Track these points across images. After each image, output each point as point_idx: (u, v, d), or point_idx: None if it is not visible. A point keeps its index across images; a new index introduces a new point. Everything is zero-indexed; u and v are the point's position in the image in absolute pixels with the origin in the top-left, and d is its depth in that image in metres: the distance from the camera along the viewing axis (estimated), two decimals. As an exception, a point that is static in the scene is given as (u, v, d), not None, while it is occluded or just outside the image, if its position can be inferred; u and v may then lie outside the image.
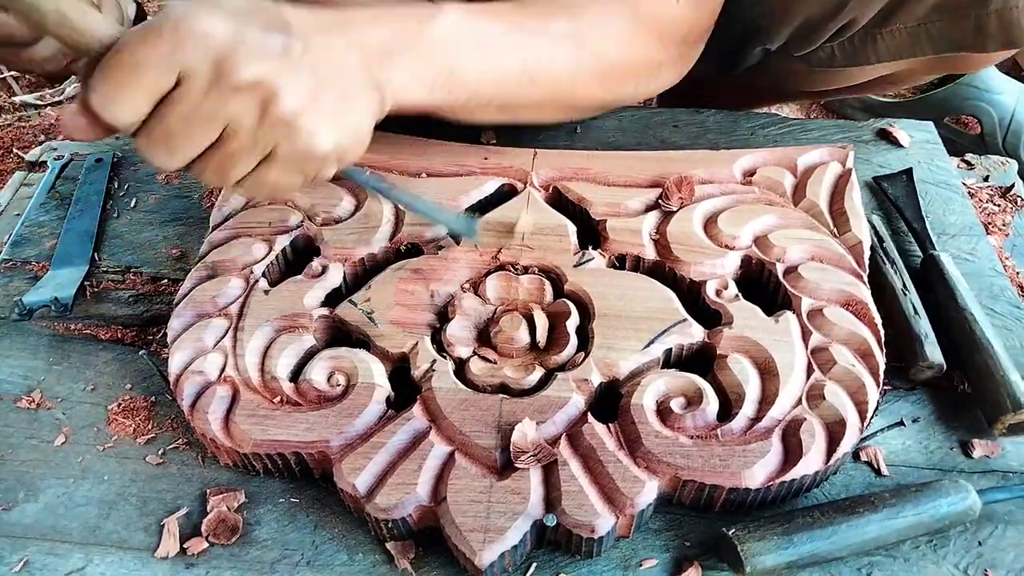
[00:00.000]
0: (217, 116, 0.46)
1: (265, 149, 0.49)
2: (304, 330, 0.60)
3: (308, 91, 0.48)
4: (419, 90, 0.58)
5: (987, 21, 0.69)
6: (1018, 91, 1.13)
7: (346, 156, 0.53)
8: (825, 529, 0.49)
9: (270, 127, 0.47)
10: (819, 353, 0.57)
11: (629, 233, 0.65)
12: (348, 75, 0.52)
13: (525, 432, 0.52)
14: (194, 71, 0.44)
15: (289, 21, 0.49)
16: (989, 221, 0.75)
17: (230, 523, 0.53)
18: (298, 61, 0.48)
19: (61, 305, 0.67)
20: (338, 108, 0.51)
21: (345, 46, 0.52)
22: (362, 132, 0.54)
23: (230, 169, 0.49)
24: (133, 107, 0.44)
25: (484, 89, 0.62)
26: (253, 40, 0.46)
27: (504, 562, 0.49)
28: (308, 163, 0.51)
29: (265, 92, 0.46)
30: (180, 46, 0.43)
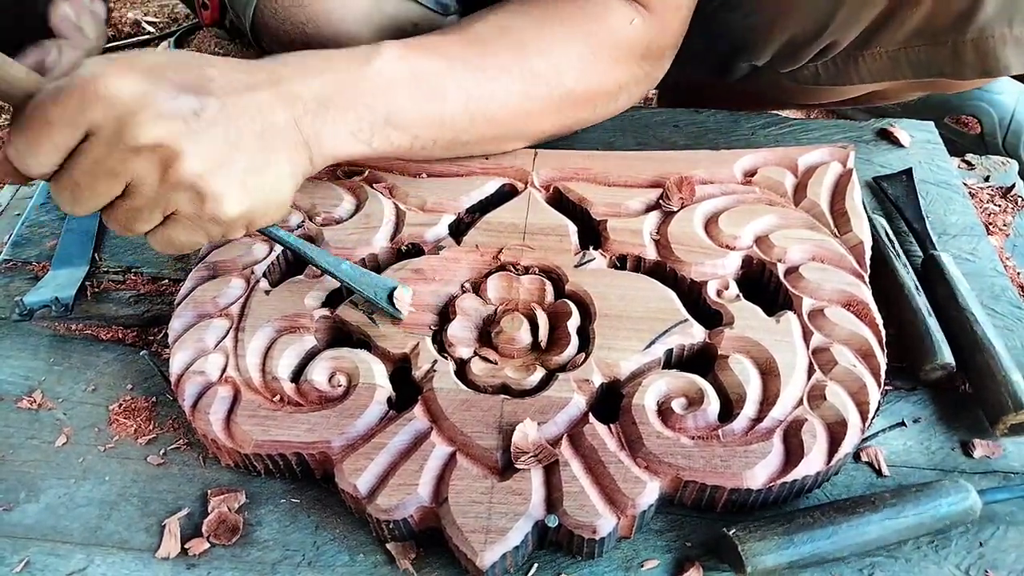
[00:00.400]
0: (119, 172, 0.47)
1: (167, 208, 0.49)
2: (305, 330, 0.60)
3: (215, 154, 0.48)
4: (355, 143, 0.57)
5: (964, 49, 0.69)
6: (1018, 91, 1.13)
7: (257, 220, 0.53)
8: (826, 529, 0.49)
9: (170, 189, 0.48)
10: (820, 353, 0.57)
11: (630, 233, 0.65)
12: (270, 135, 0.52)
13: (526, 432, 0.52)
14: (98, 129, 0.46)
15: (212, 78, 0.50)
16: (990, 221, 0.75)
17: (231, 523, 0.53)
18: (208, 124, 0.48)
19: (62, 305, 0.67)
20: (250, 171, 0.51)
21: (272, 102, 0.52)
22: (278, 195, 0.53)
23: (134, 222, 0.50)
24: (43, 161, 0.46)
25: (426, 131, 0.61)
26: (161, 102, 0.47)
27: (506, 563, 0.49)
28: (212, 226, 0.51)
29: (165, 154, 0.47)
30: (87, 106, 0.45)
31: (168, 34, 1.52)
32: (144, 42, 1.53)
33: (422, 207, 0.68)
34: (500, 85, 0.63)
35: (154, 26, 1.57)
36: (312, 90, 0.54)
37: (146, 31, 1.56)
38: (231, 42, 1.45)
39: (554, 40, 0.65)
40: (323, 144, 0.55)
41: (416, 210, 0.68)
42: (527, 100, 0.65)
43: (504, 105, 0.64)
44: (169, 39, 1.49)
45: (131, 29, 1.57)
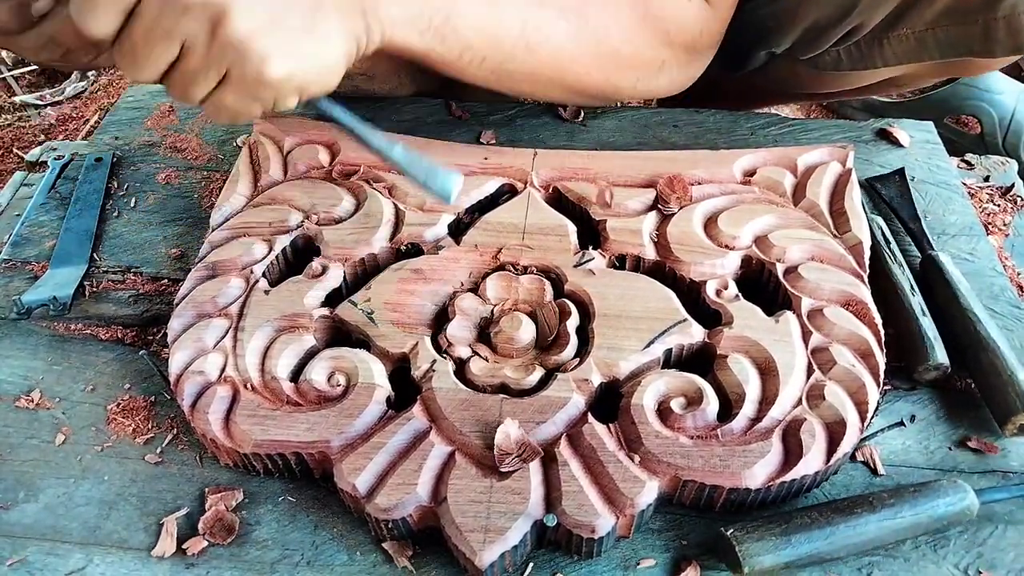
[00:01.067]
0: (173, 33, 0.47)
1: (220, 70, 0.49)
2: (304, 330, 0.60)
3: (263, 12, 0.48)
4: (411, 29, 0.57)
5: (995, 26, 0.69)
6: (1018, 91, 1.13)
7: (307, 87, 0.53)
8: (823, 529, 0.49)
9: (219, 48, 0.48)
10: (819, 353, 0.57)
11: (629, 233, 0.65)
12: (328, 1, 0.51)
13: (508, 432, 0.52)
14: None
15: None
16: (989, 221, 0.75)
17: (227, 523, 0.53)
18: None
19: (60, 304, 0.67)
20: (301, 34, 0.50)
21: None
22: (328, 62, 0.53)
23: (191, 88, 0.50)
24: (103, 20, 0.47)
25: (479, 45, 0.61)
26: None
27: (504, 562, 0.49)
28: (260, 89, 0.51)
29: (214, 12, 0.47)
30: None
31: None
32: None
33: (421, 207, 0.68)
34: (555, 23, 0.64)
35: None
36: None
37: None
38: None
39: None
40: (381, 19, 0.54)
41: (415, 210, 0.68)
42: (576, 46, 0.66)
43: (554, 43, 0.65)
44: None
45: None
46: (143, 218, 0.77)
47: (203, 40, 0.48)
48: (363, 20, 0.53)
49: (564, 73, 0.69)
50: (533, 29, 0.63)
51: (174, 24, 0.47)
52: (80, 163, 0.83)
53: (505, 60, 0.64)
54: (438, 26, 0.58)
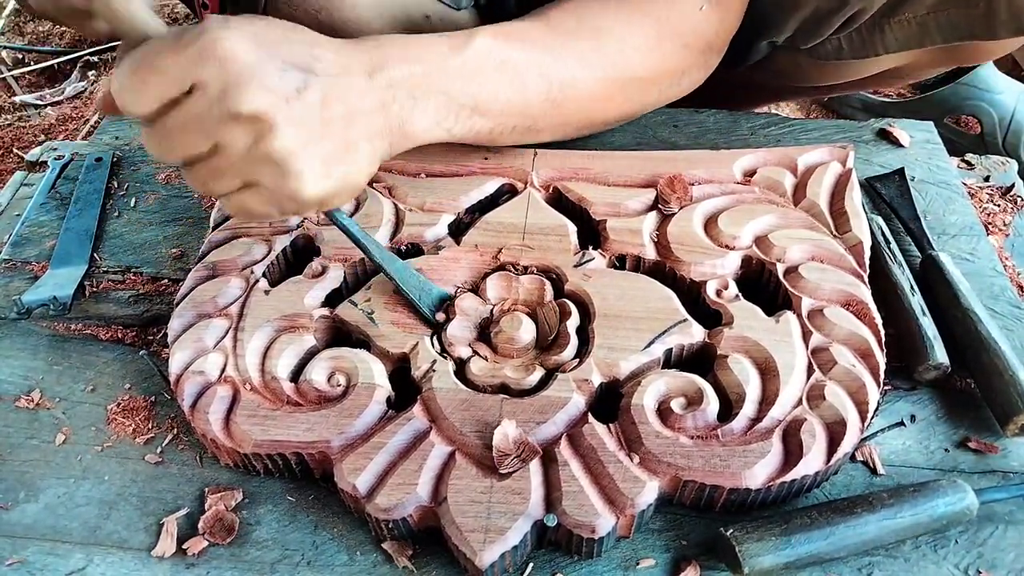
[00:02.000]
0: (211, 133, 0.47)
1: (249, 176, 0.50)
2: (304, 330, 0.60)
3: (307, 135, 0.49)
4: (437, 130, 0.58)
5: (998, 7, 0.68)
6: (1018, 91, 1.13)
7: (331, 202, 0.54)
8: (823, 530, 0.49)
9: (258, 160, 0.49)
10: (819, 353, 0.57)
11: (629, 233, 0.65)
12: (358, 120, 0.52)
13: (506, 433, 0.52)
14: (205, 87, 0.46)
15: (318, 57, 0.50)
16: (989, 221, 0.75)
17: (227, 522, 0.53)
18: (307, 105, 0.49)
19: (60, 304, 0.67)
20: (335, 157, 0.51)
21: (367, 88, 0.53)
22: (356, 181, 0.54)
23: (212, 183, 0.50)
24: (142, 103, 0.47)
25: (508, 117, 0.63)
26: (269, 75, 0.47)
27: (504, 562, 0.49)
28: (288, 202, 0.51)
29: (262, 127, 0.47)
30: (199, 62, 0.46)
31: (168, 34, 1.52)
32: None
33: (422, 207, 0.68)
34: (579, 73, 0.64)
35: (154, 26, 1.57)
36: (407, 77, 0.55)
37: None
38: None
39: (628, 26, 0.66)
40: (406, 131, 0.56)
41: (416, 210, 0.68)
42: (601, 87, 0.66)
43: (580, 93, 0.65)
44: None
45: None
46: (143, 218, 0.77)
47: (242, 148, 0.48)
48: (389, 139, 0.55)
49: (592, 114, 0.70)
50: (558, 86, 0.63)
51: (216, 126, 0.47)
52: (80, 163, 0.83)
53: (535, 121, 0.65)
54: (465, 117, 0.59)
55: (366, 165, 0.54)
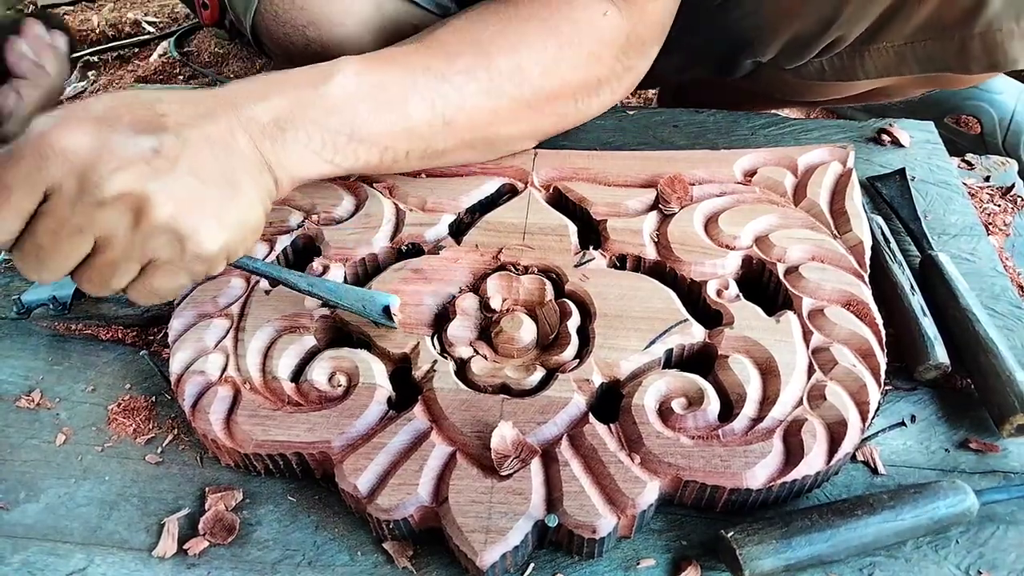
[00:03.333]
0: (85, 229, 0.45)
1: (144, 257, 0.48)
2: (305, 330, 0.60)
3: (185, 192, 0.47)
4: (318, 161, 0.56)
5: (971, 43, 0.69)
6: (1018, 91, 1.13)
7: (236, 250, 0.52)
8: (824, 532, 0.49)
9: (146, 236, 0.47)
10: (820, 353, 0.57)
11: (630, 233, 0.65)
12: (234, 163, 0.50)
13: (503, 435, 0.52)
14: (58, 187, 0.44)
15: (164, 113, 0.48)
16: (990, 221, 0.75)
17: (227, 522, 0.53)
18: (171, 161, 0.47)
19: (59, 304, 0.67)
20: (222, 203, 0.49)
21: (230, 129, 0.51)
22: (254, 222, 0.52)
23: (110, 279, 0.48)
24: (4, 228, 0.44)
25: (395, 143, 0.60)
26: (118, 147, 0.45)
27: (505, 563, 0.49)
28: (195, 265, 0.50)
29: (135, 202, 0.45)
30: (43, 165, 0.43)
31: (168, 34, 1.52)
32: (144, 42, 1.53)
33: (422, 207, 0.68)
34: (464, 88, 0.61)
35: (154, 26, 1.57)
36: (268, 112, 0.53)
37: (146, 31, 1.56)
38: (231, 42, 1.45)
39: (519, 38, 0.64)
40: (285, 166, 0.54)
41: (416, 210, 0.68)
42: (494, 101, 0.63)
43: (471, 108, 0.62)
44: (169, 39, 1.49)
45: (131, 29, 1.57)
46: (143, 218, 0.76)
47: (123, 231, 0.46)
48: (270, 175, 0.53)
49: (493, 130, 0.66)
50: (443, 105, 0.61)
51: (87, 220, 0.44)
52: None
53: (429, 143, 0.62)
54: (343, 146, 0.57)
55: (257, 205, 0.52)
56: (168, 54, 1.46)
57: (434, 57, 0.62)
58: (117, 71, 1.46)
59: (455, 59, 0.62)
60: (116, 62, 1.49)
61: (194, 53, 1.46)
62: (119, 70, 1.46)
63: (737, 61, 0.89)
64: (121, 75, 1.44)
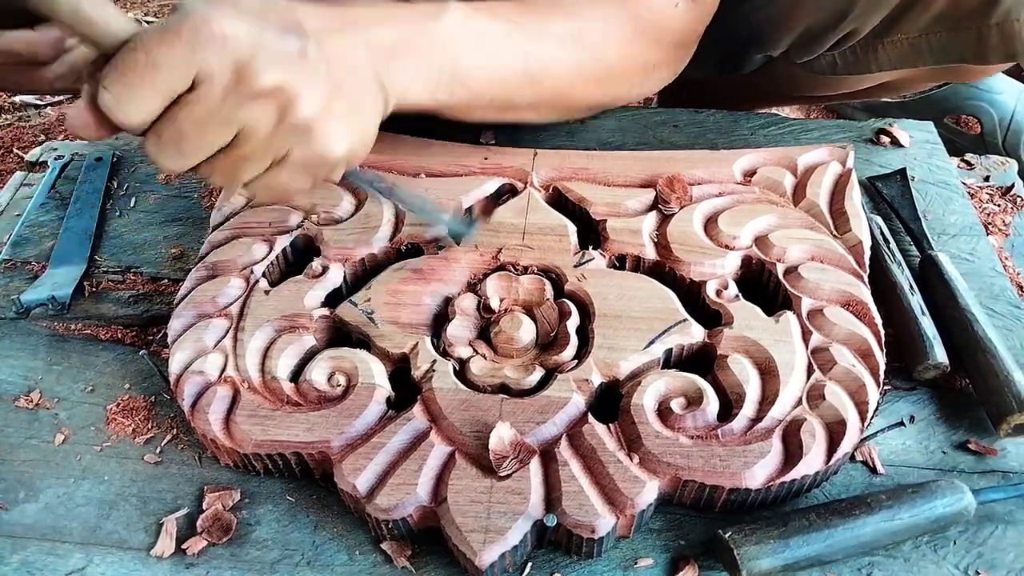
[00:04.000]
0: (232, 120, 0.45)
1: (278, 153, 0.48)
2: (304, 330, 0.60)
3: (324, 96, 0.48)
4: (422, 91, 0.58)
5: (988, 33, 0.69)
6: (1018, 91, 1.13)
7: (355, 159, 0.53)
8: (821, 532, 0.49)
9: (286, 133, 0.47)
10: (819, 353, 0.57)
11: (629, 233, 0.65)
12: (359, 76, 0.52)
13: (501, 436, 0.52)
14: (212, 75, 0.43)
15: (301, 21, 0.49)
16: (989, 221, 0.75)
17: (224, 521, 0.53)
18: (314, 64, 0.47)
19: (58, 304, 0.67)
20: (351, 112, 0.51)
21: (354, 46, 0.52)
22: (370, 134, 0.54)
23: (241, 172, 0.48)
24: (145, 108, 0.43)
25: (485, 89, 0.62)
26: (273, 44, 0.45)
27: (504, 562, 0.49)
28: (320, 167, 0.51)
29: (284, 98, 0.46)
30: (199, 48, 0.42)
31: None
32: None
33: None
34: (553, 52, 0.64)
35: (154, 26, 1.57)
36: (386, 37, 0.54)
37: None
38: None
39: (604, 16, 0.67)
40: (394, 89, 0.55)
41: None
42: (575, 69, 0.66)
43: (555, 71, 0.65)
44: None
45: (131, 29, 1.57)
46: (143, 218, 0.77)
47: (268, 125, 0.46)
48: (383, 92, 0.54)
49: (565, 98, 0.70)
50: (535, 64, 0.63)
51: (237, 111, 0.44)
52: (80, 163, 0.83)
53: (510, 97, 0.65)
54: (446, 83, 0.59)
55: (374, 117, 0.54)
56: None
57: (529, 17, 0.64)
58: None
59: (549, 23, 0.65)
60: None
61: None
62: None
63: (747, 55, 0.88)
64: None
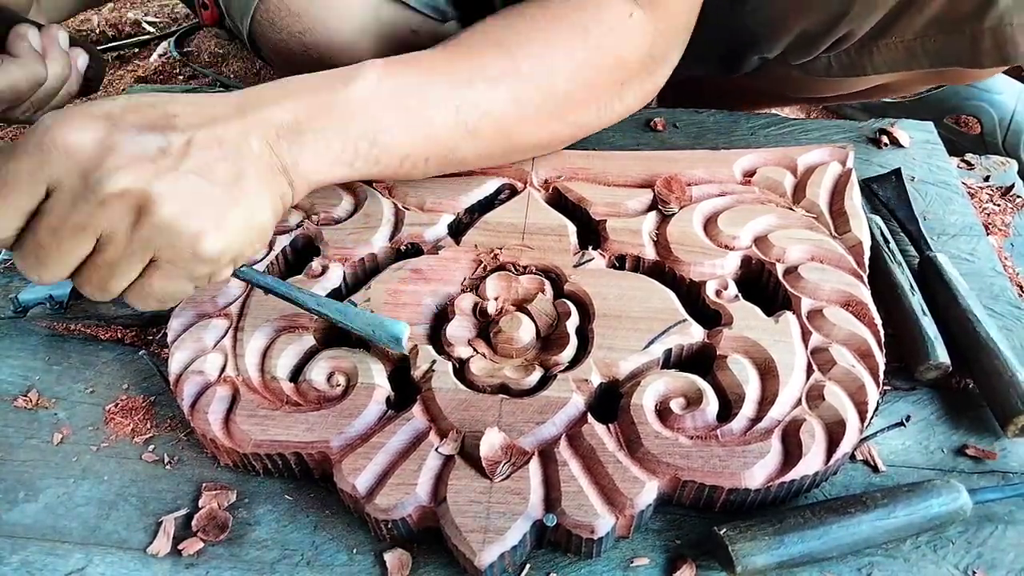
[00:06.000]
0: (87, 227, 0.44)
1: (145, 257, 0.47)
2: (304, 330, 0.60)
3: (188, 191, 0.46)
4: (337, 167, 0.55)
5: (982, 37, 0.69)
6: (1018, 91, 1.13)
7: (242, 256, 0.51)
8: (816, 529, 0.49)
9: (147, 235, 0.45)
10: (819, 353, 0.57)
11: (629, 233, 0.65)
12: (244, 165, 0.49)
13: (491, 442, 0.51)
14: (61, 184, 0.43)
15: (175, 114, 0.47)
16: (989, 221, 0.75)
17: (220, 520, 0.53)
18: (177, 159, 0.46)
19: (56, 302, 0.67)
20: (228, 205, 0.48)
21: (243, 131, 0.50)
22: (260, 227, 0.51)
23: (110, 280, 0.47)
24: (4, 225, 0.44)
25: (415, 150, 0.59)
26: (123, 146, 0.44)
27: (504, 562, 0.49)
28: (196, 267, 0.48)
29: (137, 199, 0.44)
30: (45, 161, 0.43)
31: (168, 34, 1.52)
32: (144, 42, 1.53)
33: (421, 207, 0.68)
34: (489, 94, 0.60)
35: (154, 26, 1.58)
36: (286, 115, 0.52)
37: (146, 31, 1.56)
38: (231, 42, 1.45)
39: (545, 42, 0.62)
40: (302, 170, 0.53)
41: (415, 210, 0.68)
42: (519, 107, 0.62)
43: (496, 115, 0.61)
44: (169, 39, 1.49)
45: (131, 29, 1.57)
46: (143, 218, 0.76)
47: (125, 229, 0.45)
48: (284, 177, 0.52)
49: (516, 140, 0.65)
50: (469, 110, 0.59)
51: (89, 218, 0.44)
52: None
53: (451, 150, 0.61)
54: (364, 152, 0.56)
55: (267, 209, 0.51)
56: (168, 54, 1.46)
57: (459, 62, 0.60)
58: (117, 71, 1.46)
59: (481, 64, 0.60)
60: (116, 62, 1.49)
61: (194, 53, 1.46)
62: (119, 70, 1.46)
63: (744, 57, 0.88)
64: (121, 75, 1.44)
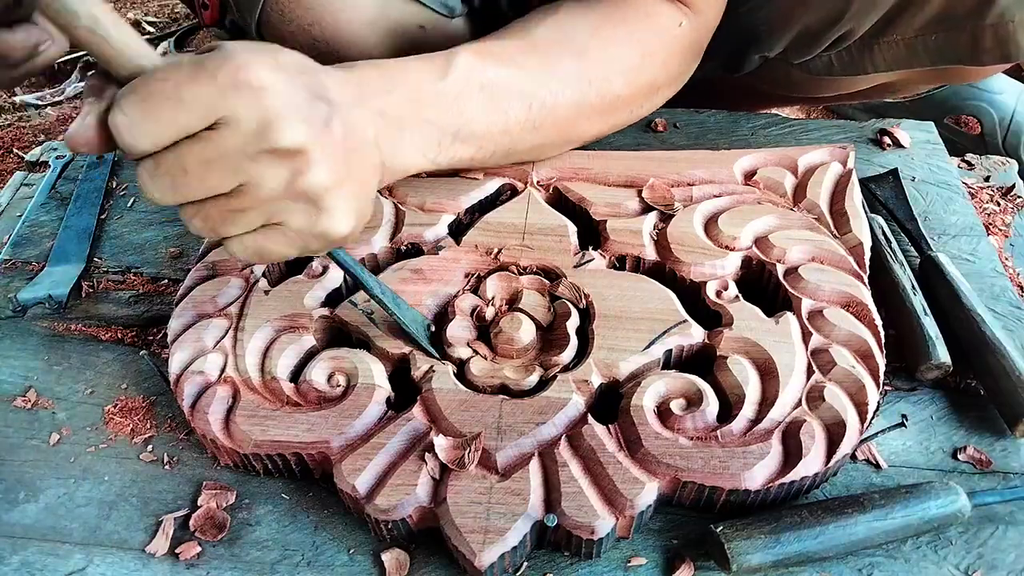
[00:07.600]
0: (241, 171, 0.43)
1: (275, 216, 0.45)
2: (304, 330, 0.60)
3: (337, 170, 0.46)
4: (421, 161, 0.57)
5: (983, 35, 0.69)
6: (1018, 91, 1.13)
7: (350, 241, 0.50)
8: (813, 529, 0.49)
9: (290, 198, 0.45)
10: (819, 354, 0.57)
11: (629, 233, 0.65)
12: (366, 154, 0.50)
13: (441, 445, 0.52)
14: (238, 122, 0.41)
15: (327, 86, 0.47)
16: (990, 221, 0.75)
17: (217, 520, 0.53)
18: (335, 136, 0.46)
19: (55, 302, 0.67)
20: (359, 191, 0.48)
21: (365, 120, 0.50)
22: (368, 215, 0.51)
23: (227, 224, 0.45)
24: (157, 138, 0.41)
25: (488, 142, 0.61)
26: (304, 104, 0.44)
27: (504, 563, 0.49)
28: (315, 242, 0.48)
29: (301, 162, 0.44)
30: (232, 94, 0.41)
31: (168, 34, 1.52)
32: (144, 42, 1.53)
33: (422, 207, 0.68)
34: (559, 94, 0.63)
35: (154, 26, 1.58)
36: (391, 107, 0.53)
37: (146, 31, 1.56)
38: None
39: (610, 46, 0.65)
40: (393, 164, 0.54)
41: (416, 210, 0.68)
42: (579, 107, 0.65)
43: (560, 114, 0.64)
44: (169, 39, 1.49)
45: (131, 29, 1.57)
46: (143, 218, 0.77)
47: (275, 186, 0.43)
48: (381, 172, 0.52)
49: (565, 137, 0.68)
50: (538, 109, 0.62)
51: (250, 162, 0.42)
52: (81, 163, 0.83)
53: (515, 143, 0.63)
54: (448, 146, 0.57)
55: (373, 200, 0.51)
56: (168, 54, 1.46)
57: (536, 59, 0.62)
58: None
59: (555, 63, 0.62)
60: (116, 62, 1.49)
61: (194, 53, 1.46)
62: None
63: (745, 56, 0.88)
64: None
